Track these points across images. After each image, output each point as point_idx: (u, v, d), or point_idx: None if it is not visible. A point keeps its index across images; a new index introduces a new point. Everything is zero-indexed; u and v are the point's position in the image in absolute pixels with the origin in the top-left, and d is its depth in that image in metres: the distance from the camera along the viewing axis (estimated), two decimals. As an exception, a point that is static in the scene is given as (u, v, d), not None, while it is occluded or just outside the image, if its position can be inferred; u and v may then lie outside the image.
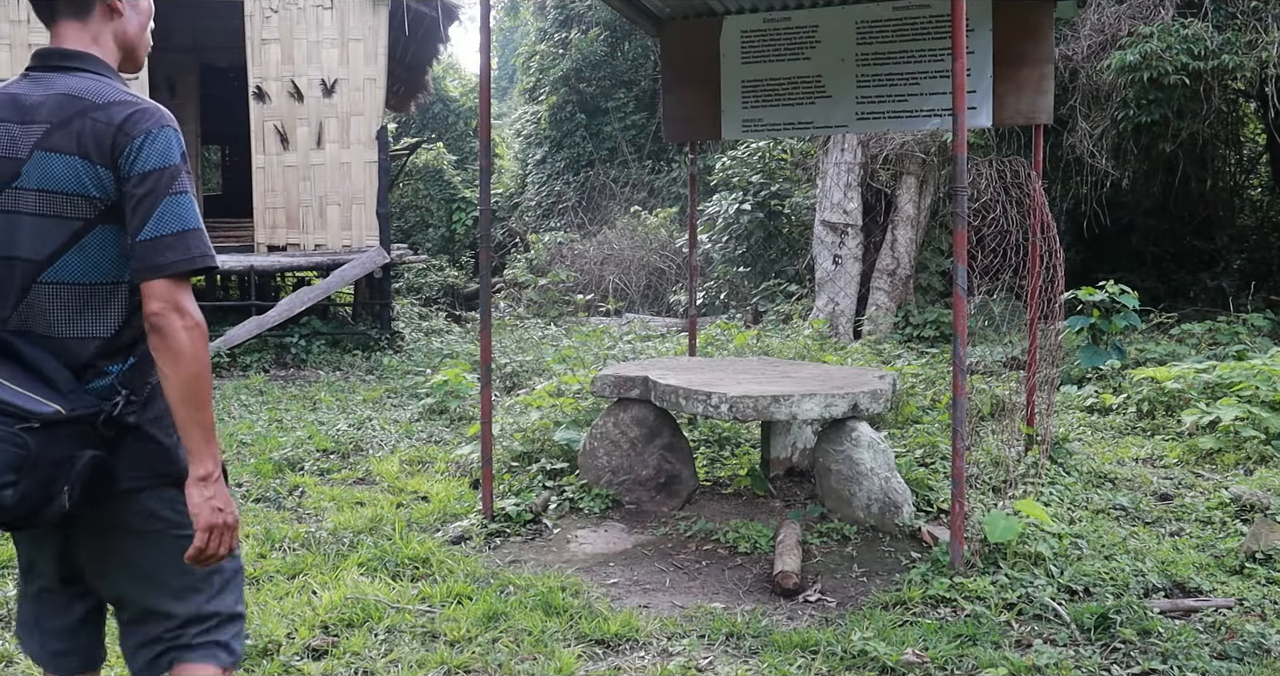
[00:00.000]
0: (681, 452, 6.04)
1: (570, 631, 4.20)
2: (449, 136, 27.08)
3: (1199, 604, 4.44)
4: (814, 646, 4.02)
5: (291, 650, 4.00)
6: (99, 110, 2.28)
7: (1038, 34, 6.48)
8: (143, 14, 2.54)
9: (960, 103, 4.73)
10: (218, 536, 2.33)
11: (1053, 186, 13.81)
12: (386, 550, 5.12)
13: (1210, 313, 13.11)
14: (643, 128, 22.74)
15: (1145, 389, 8.51)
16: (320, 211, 13.01)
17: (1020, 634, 4.15)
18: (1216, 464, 7.07)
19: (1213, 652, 3.96)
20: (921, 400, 8.51)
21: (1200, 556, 5.09)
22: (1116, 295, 9.35)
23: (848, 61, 6.81)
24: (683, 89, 7.32)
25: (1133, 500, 6.09)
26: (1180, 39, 11.81)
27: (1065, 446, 6.99)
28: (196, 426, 2.29)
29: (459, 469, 6.91)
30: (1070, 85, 13.10)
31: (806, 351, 10.93)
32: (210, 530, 2.32)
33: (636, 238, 19.07)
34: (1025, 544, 4.87)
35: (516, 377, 10.09)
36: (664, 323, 15.35)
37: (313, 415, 8.86)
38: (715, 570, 5.00)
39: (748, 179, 15.61)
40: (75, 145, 2.27)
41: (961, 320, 4.72)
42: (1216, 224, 16.04)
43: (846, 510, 5.52)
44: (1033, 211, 6.43)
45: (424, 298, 20.17)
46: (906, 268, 13.58)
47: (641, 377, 5.97)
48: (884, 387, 5.61)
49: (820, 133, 8.94)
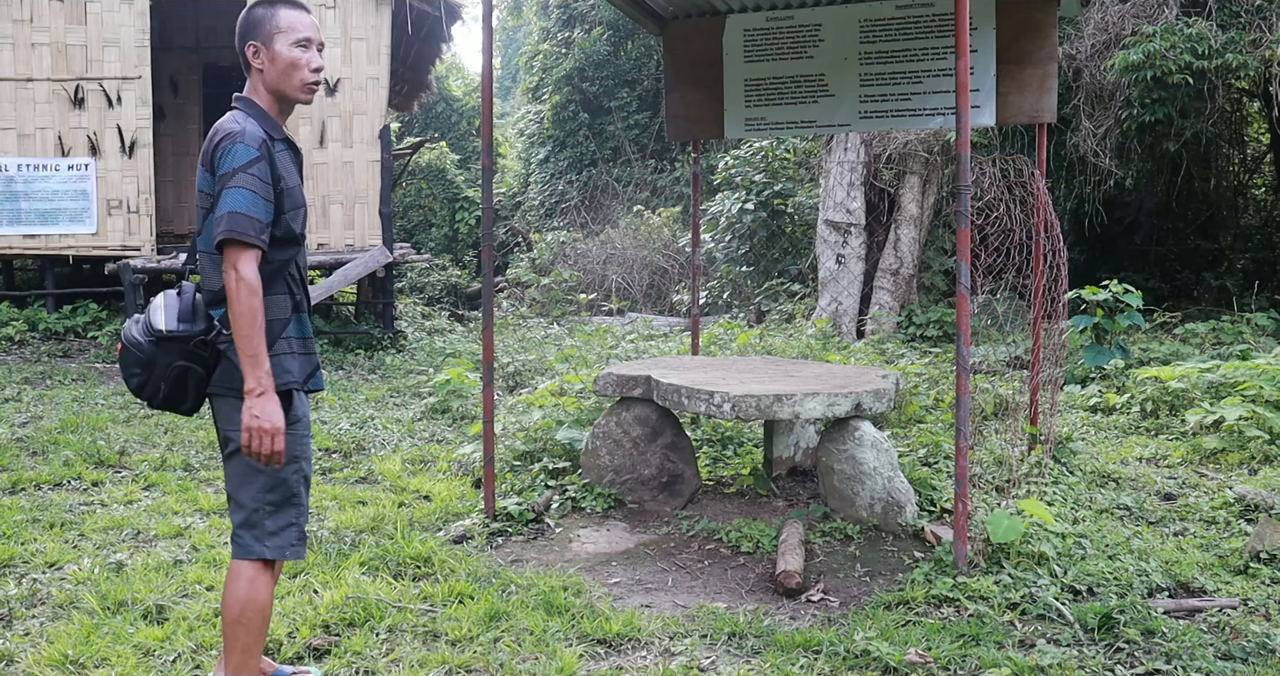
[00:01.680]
0: (684, 452, 6.03)
1: (572, 631, 4.19)
2: (452, 136, 27.09)
3: (1203, 604, 4.43)
4: (816, 646, 4.01)
5: (293, 649, 3.99)
6: (215, 134, 3.24)
7: (1041, 32, 6.46)
8: (281, 63, 3.34)
9: (964, 101, 4.72)
10: (256, 438, 3.10)
11: (1056, 186, 13.80)
12: (388, 549, 5.11)
13: (1214, 312, 13.08)
14: (645, 127, 22.73)
15: (1149, 388, 8.49)
16: (323, 210, 13.00)
17: (1024, 634, 4.13)
18: (1220, 463, 7.05)
19: (1217, 653, 3.95)
20: (925, 399, 8.49)
21: (1204, 556, 5.07)
22: (1120, 294, 9.34)
23: (851, 60, 6.80)
24: (686, 88, 7.31)
25: (1136, 500, 6.08)
26: (1184, 38, 11.78)
27: (1069, 446, 6.98)
28: (243, 353, 3.10)
29: (461, 468, 6.90)
30: (1074, 84, 13.07)
31: (809, 351, 10.92)
32: (248, 431, 3.11)
33: (639, 237, 19.07)
34: (1029, 543, 4.85)
35: (519, 377, 10.08)
36: (667, 322, 15.34)
37: (315, 414, 8.85)
38: (718, 570, 4.99)
39: (751, 178, 15.59)
40: (204, 159, 3.26)
41: (965, 319, 4.70)
42: (1220, 223, 16.03)
43: (849, 510, 5.51)
44: (1036, 210, 6.42)
45: (427, 297, 20.18)
46: (910, 267, 13.56)
47: (644, 376, 5.96)
48: (887, 387, 5.60)
49: (823, 132, 8.92)
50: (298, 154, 3.46)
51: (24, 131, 12.50)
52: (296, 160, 3.43)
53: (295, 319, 3.36)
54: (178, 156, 16.09)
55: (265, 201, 3.17)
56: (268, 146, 3.22)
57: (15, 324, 12.13)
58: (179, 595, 4.61)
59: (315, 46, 3.38)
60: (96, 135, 12.64)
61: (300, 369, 3.35)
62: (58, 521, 5.68)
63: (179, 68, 16.13)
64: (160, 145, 13.98)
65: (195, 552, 5.20)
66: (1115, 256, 15.35)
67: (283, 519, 3.31)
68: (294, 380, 3.31)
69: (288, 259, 3.32)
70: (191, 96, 16.39)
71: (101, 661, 3.90)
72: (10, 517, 5.67)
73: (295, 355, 3.33)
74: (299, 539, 3.36)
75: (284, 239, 3.28)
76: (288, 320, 3.32)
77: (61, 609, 4.46)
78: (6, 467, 6.87)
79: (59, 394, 9.47)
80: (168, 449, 7.52)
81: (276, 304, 3.29)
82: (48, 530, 5.54)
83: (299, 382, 3.33)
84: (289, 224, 3.27)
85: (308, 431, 3.39)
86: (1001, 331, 10.75)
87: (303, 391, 3.37)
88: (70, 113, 12.58)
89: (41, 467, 6.88)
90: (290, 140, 3.41)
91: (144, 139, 12.77)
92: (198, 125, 16.36)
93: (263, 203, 3.16)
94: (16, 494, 6.31)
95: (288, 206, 3.27)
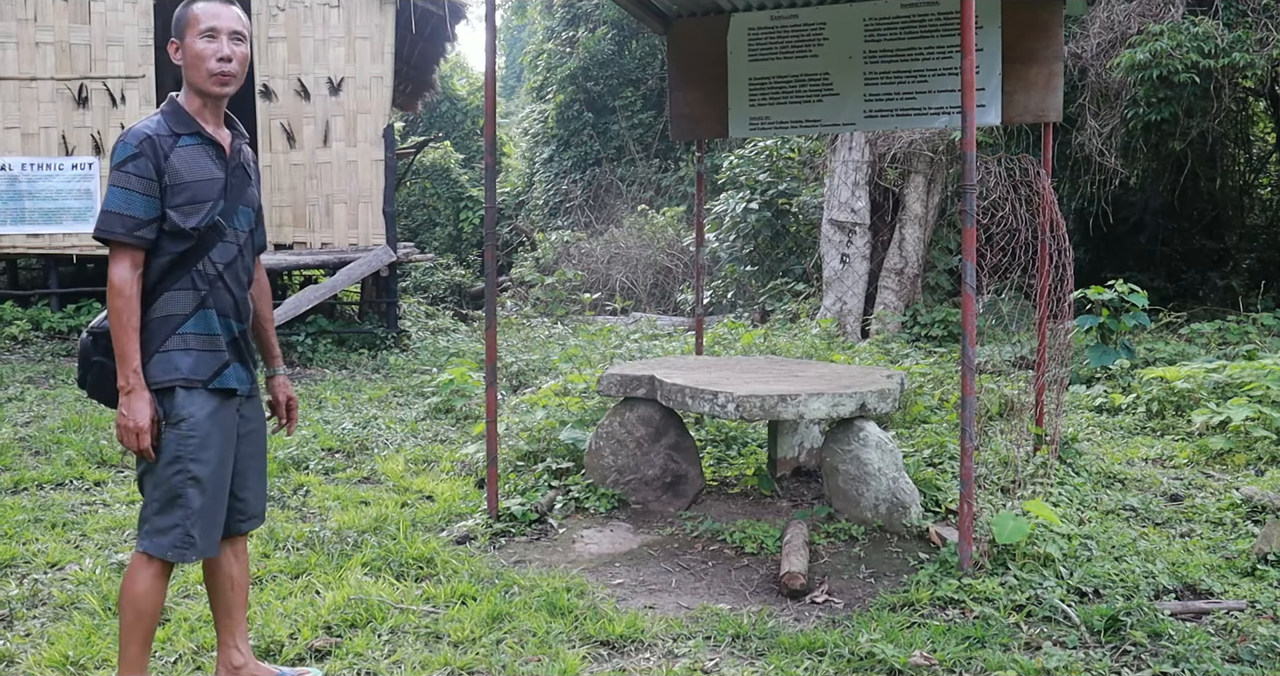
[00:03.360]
0: (688, 452, 6.01)
1: (575, 632, 4.17)
2: (456, 135, 27.10)
3: (1210, 606, 4.40)
4: (821, 648, 3.99)
5: (294, 650, 3.97)
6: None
7: (1047, 31, 6.44)
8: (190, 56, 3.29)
9: (969, 100, 4.69)
10: (121, 434, 3.19)
11: (1061, 185, 13.77)
12: (391, 550, 5.09)
13: (1220, 312, 13.05)
14: (650, 126, 22.72)
15: (1155, 388, 8.46)
16: (327, 210, 12.99)
17: (1029, 636, 4.11)
18: (1227, 464, 7.02)
19: (1224, 655, 3.92)
20: (929, 400, 8.47)
21: (1211, 558, 5.04)
22: (1125, 294, 9.30)
23: (855, 59, 6.77)
24: (690, 87, 7.28)
25: (1142, 501, 6.05)
26: (1190, 37, 11.75)
27: (1074, 446, 6.95)
28: (115, 351, 3.19)
29: (464, 468, 6.88)
30: (1079, 83, 13.04)
31: (814, 350, 10.89)
32: (116, 427, 3.21)
33: (643, 236, 19.05)
34: (1034, 545, 4.82)
35: (523, 376, 10.06)
36: (670, 321, 15.32)
37: (318, 414, 8.84)
38: (722, 571, 4.97)
39: (755, 178, 15.57)
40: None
41: (970, 319, 4.68)
42: (1226, 223, 15.98)
43: (854, 510, 5.48)
44: (1042, 209, 6.39)
45: (430, 296, 20.18)
46: (914, 267, 13.53)
47: (648, 376, 5.94)
48: (892, 387, 5.57)
49: (828, 131, 8.91)
50: (222, 149, 3.35)
51: (28, 131, 12.50)
52: (218, 155, 3.34)
53: (200, 315, 3.28)
54: (182, 156, 16.05)
55: (143, 197, 3.16)
56: (153, 143, 3.18)
57: (19, 323, 12.13)
58: (180, 596, 4.60)
59: (226, 36, 3.27)
60: (100, 134, 12.64)
61: (195, 366, 3.26)
62: (60, 521, 5.66)
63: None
64: (164, 144, 13.93)
65: (197, 553, 5.17)
66: (1120, 256, 15.32)
67: (168, 519, 3.24)
68: (179, 377, 3.23)
69: (187, 253, 3.25)
70: (195, 95, 16.36)
71: (102, 662, 3.89)
72: (12, 517, 5.66)
73: (191, 351, 3.25)
74: (184, 542, 3.24)
75: (174, 234, 3.22)
76: (187, 316, 3.27)
77: (63, 609, 4.45)
78: (9, 467, 6.86)
79: (62, 393, 9.47)
80: (170, 448, 7.49)
81: (173, 299, 3.26)
82: (50, 530, 5.53)
83: (188, 379, 3.24)
84: (177, 219, 3.20)
85: (205, 431, 3.25)
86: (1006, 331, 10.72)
87: (202, 390, 3.27)
88: (74, 112, 12.58)
89: (44, 467, 6.87)
90: (211, 136, 3.32)
91: (148, 138, 12.74)
92: (201, 124, 16.34)
93: (139, 199, 3.16)
94: (19, 493, 6.30)
95: (181, 201, 3.21)
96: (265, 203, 12.98)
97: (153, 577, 3.29)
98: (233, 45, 3.29)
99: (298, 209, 13.00)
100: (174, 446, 3.22)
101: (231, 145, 3.39)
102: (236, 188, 3.38)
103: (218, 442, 3.29)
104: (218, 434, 3.29)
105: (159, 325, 3.24)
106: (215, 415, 3.29)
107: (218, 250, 3.31)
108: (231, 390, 3.35)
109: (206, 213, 3.27)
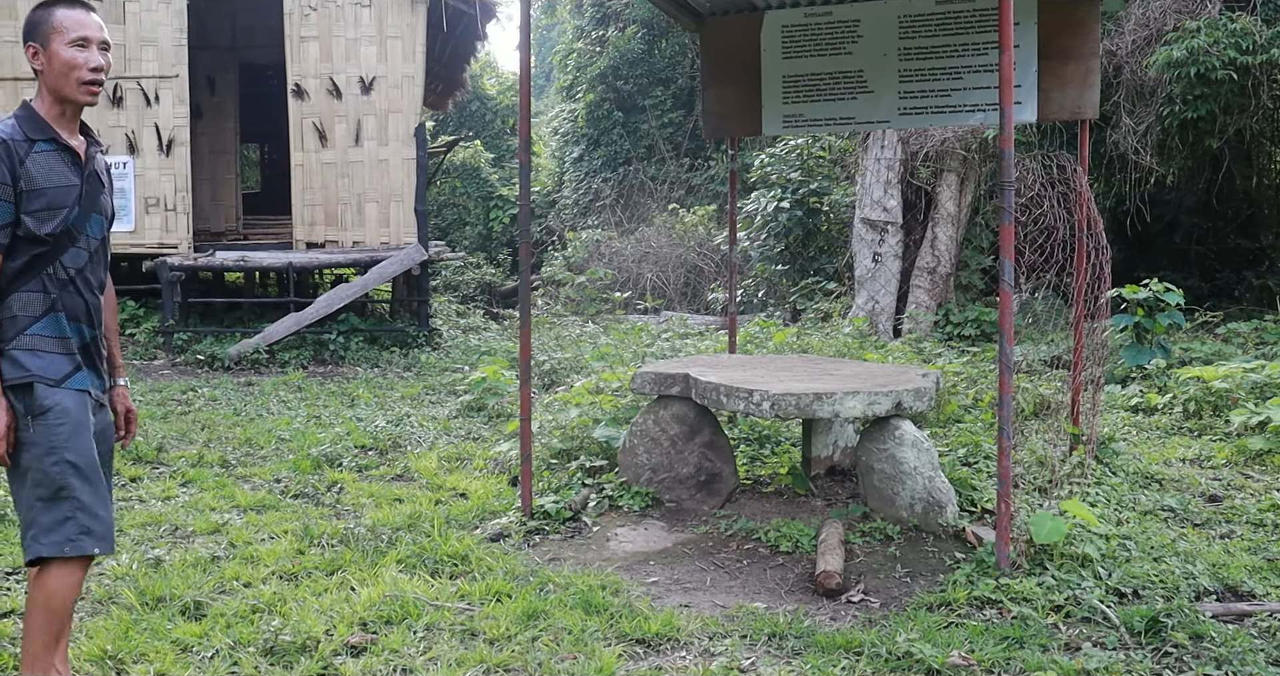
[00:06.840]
0: (722, 450, 5.99)
1: (611, 630, 4.16)
2: (486, 134, 27.17)
3: (1253, 608, 4.35)
4: (858, 647, 3.96)
5: (330, 647, 3.98)
6: None
7: (1083, 28, 6.39)
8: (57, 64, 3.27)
9: (1007, 96, 4.65)
10: None
11: (1095, 183, 13.64)
12: (425, 547, 5.10)
13: (1256, 311, 12.91)
14: (680, 125, 22.70)
15: (1192, 388, 8.37)
16: (358, 208, 13.05)
17: (1068, 637, 4.07)
18: (1266, 465, 6.94)
19: (1268, 658, 3.87)
20: (963, 399, 8.42)
21: (1252, 559, 4.98)
22: (1161, 293, 9.22)
23: (890, 56, 6.74)
24: (722, 85, 7.27)
25: (1181, 501, 5.99)
26: (1228, 33, 11.63)
27: (1111, 446, 6.89)
28: None
29: (497, 466, 6.89)
30: (1114, 81, 12.93)
31: (846, 349, 10.85)
32: None
33: (674, 235, 19.05)
34: (1072, 545, 4.78)
35: (554, 375, 10.06)
36: (702, 320, 15.30)
37: (351, 411, 8.87)
38: (756, 569, 4.95)
39: (786, 176, 15.53)
40: None
41: (1008, 317, 4.64)
42: (1262, 222, 15.78)
43: (889, 509, 5.45)
44: (1078, 207, 6.34)
45: (461, 295, 20.23)
46: (947, 266, 13.46)
47: (682, 375, 5.92)
48: (928, 386, 5.54)
49: (862, 128, 8.86)
50: (77, 156, 3.35)
51: (63, 130, 12.58)
52: (74, 161, 3.33)
53: (51, 319, 3.27)
54: (214, 155, 16.19)
55: None
56: (9, 148, 3.17)
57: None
58: (216, 591, 4.62)
59: (96, 45, 3.30)
60: (134, 134, 12.74)
61: (46, 367, 3.24)
62: (97, 517, 5.69)
63: (215, 66, 16.23)
64: (197, 144, 14.06)
65: (233, 549, 5.21)
66: (1154, 255, 15.17)
67: (56, 513, 3.19)
68: (26, 376, 3.21)
69: (40, 257, 3.25)
70: (228, 95, 16.49)
71: (140, 657, 3.91)
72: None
73: (40, 352, 3.24)
74: (81, 532, 3.21)
75: (28, 239, 3.22)
76: (36, 318, 3.25)
77: (100, 604, 4.48)
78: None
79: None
80: (205, 445, 7.55)
81: (22, 300, 3.25)
82: (87, 526, 5.56)
83: (35, 377, 3.21)
84: (32, 225, 3.20)
85: (74, 420, 3.24)
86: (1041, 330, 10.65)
87: (59, 388, 3.25)
88: (108, 111, 12.68)
89: (81, 463, 6.91)
90: (66, 143, 3.32)
91: (181, 137, 12.86)
92: (234, 123, 16.47)
93: None
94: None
95: (38, 207, 3.21)
96: (298, 201, 13.07)
97: (59, 580, 3.23)
98: (102, 55, 3.32)
99: (329, 207, 13.06)
100: (45, 438, 3.20)
101: (86, 152, 3.39)
102: (91, 195, 3.37)
103: (87, 433, 3.29)
104: (86, 423, 3.29)
105: (9, 324, 3.23)
106: (79, 407, 3.29)
107: (70, 255, 3.31)
108: (85, 391, 3.33)
109: (62, 219, 3.27)
